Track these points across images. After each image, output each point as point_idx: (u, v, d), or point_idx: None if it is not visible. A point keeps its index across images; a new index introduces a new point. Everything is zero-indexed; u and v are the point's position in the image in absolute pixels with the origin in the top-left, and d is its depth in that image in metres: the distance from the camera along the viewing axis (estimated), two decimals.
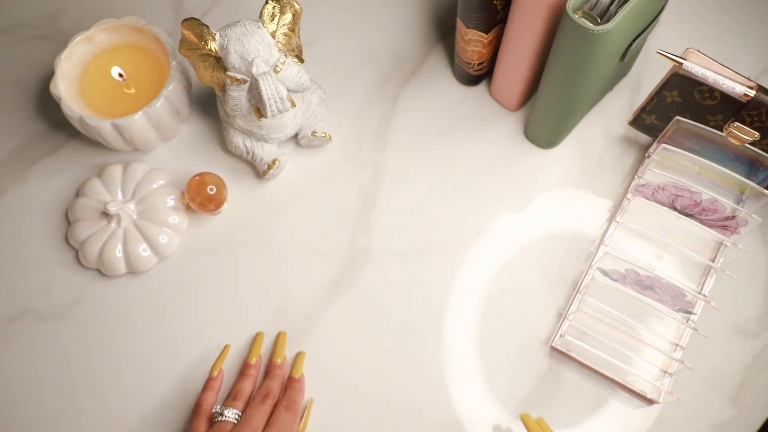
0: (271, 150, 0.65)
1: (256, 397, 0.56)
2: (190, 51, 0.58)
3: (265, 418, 0.55)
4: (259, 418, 0.54)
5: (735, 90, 0.55)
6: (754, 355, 0.61)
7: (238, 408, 0.56)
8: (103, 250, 0.62)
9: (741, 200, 0.62)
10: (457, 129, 0.69)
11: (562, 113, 0.62)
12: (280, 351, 0.60)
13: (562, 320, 0.61)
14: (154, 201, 0.63)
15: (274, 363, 0.59)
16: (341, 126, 0.69)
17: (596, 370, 0.59)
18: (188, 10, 0.75)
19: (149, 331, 0.62)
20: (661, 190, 0.61)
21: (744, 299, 0.62)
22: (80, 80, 0.64)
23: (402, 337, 0.61)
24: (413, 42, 0.73)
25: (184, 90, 0.64)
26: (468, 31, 0.62)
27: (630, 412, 0.59)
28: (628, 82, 0.70)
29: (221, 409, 0.55)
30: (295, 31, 0.59)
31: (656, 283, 0.58)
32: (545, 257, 0.64)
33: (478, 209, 0.66)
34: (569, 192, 0.67)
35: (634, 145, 0.68)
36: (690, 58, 0.56)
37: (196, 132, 0.69)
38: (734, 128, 0.56)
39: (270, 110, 0.58)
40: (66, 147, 0.68)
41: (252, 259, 0.64)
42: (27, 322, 0.62)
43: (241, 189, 0.67)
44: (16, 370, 0.61)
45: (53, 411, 0.59)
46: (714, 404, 0.59)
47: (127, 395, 0.60)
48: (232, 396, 0.57)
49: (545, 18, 0.56)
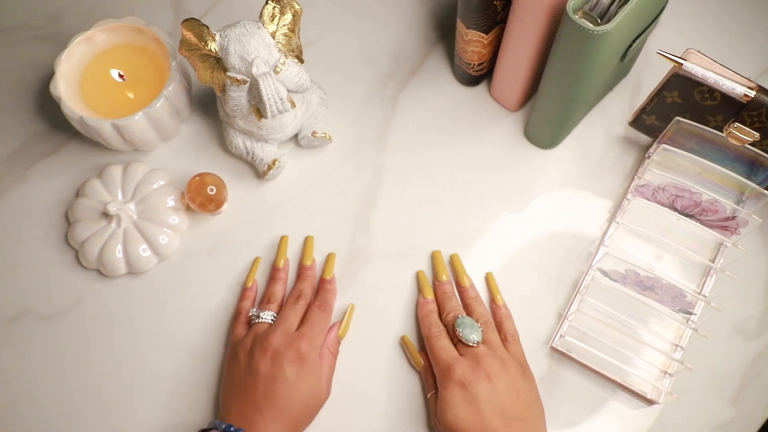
0: (271, 150, 0.65)
1: (289, 298, 0.60)
2: (190, 51, 0.58)
3: (299, 317, 0.58)
4: (293, 317, 0.58)
5: (735, 90, 0.55)
6: (754, 355, 0.61)
7: (273, 310, 0.59)
8: (103, 250, 0.62)
9: (741, 201, 0.62)
10: (457, 129, 0.69)
11: (562, 113, 0.62)
12: (309, 253, 0.63)
13: (562, 321, 0.61)
14: (154, 201, 0.63)
15: (304, 265, 0.63)
16: (341, 126, 0.69)
17: (596, 371, 0.59)
18: (188, 10, 0.75)
19: (149, 331, 0.62)
20: (661, 190, 0.61)
21: (744, 300, 0.62)
22: (80, 80, 0.64)
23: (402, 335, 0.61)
24: (413, 42, 0.73)
25: (184, 90, 0.64)
26: (468, 31, 0.62)
27: (630, 412, 0.59)
28: (628, 82, 0.70)
29: (257, 312, 0.59)
30: (295, 31, 0.59)
31: (656, 284, 0.58)
32: (545, 257, 0.64)
33: (478, 209, 0.66)
34: (569, 192, 0.67)
35: (634, 146, 0.68)
36: (690, 58, 0.56)
37: (196, 132, 0.69)
38: (734, 129, 0.56)
39: (270, 111, 0.58)
40: (66, 147, 0.69)
41: (252, 259, 0.64)
42: (27, 322, 0.62)
43: (241, 189, 0.67)
44: (16, 370, 0.61)
45: (53, 411, 0.59)
46: (714, 405, 0.59)
47: (127, 395, 0.60)
48: (265, 300, 0.60)
49: (545, 18, 0.56)
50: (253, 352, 0.55)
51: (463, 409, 0.53)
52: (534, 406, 0.55)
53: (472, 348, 0.56)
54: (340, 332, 0.60)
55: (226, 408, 0.55)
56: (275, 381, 0.53)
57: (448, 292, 0.62)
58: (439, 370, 0.56)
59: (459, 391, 0.54)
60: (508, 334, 0.59)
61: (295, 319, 0.58)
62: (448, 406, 0.54)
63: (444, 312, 0.60)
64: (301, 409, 0.54)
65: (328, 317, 0.59)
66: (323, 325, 0.58)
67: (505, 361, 0.55)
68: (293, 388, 0.54)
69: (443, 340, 0.58)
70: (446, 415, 0.53)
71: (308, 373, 0.55)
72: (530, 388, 0.56)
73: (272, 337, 0.55)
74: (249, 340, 0.57)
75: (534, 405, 0.55)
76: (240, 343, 0.57)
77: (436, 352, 0.57)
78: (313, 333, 0.57)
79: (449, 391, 0.54)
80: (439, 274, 0.62)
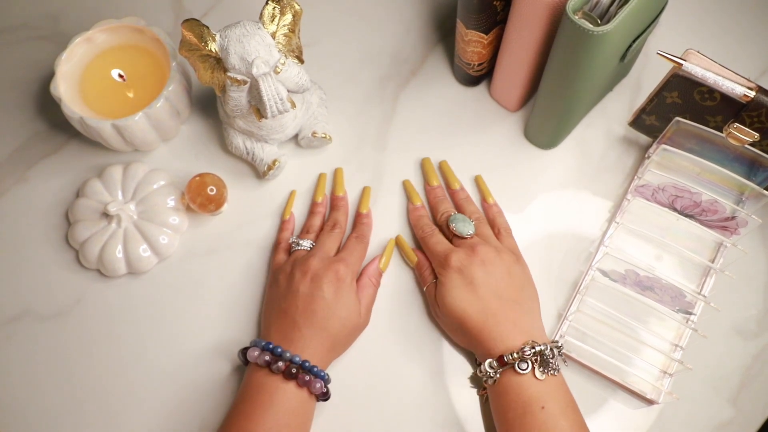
0: (272, 151, 0.65)
1: (325, 227, 0.63)
2: (191, 52, 0.58)
3: (336, 244, 0.62)
4: (330, 244, 0.61)
5: (735, 91, 0.55)
6: (753, 355, 0.61)
7: (311, 239, 0.62)
8: (104, 250, 0.62)
9: (741, 201, 0.62)
10: (457, 130, 0.69)
11: (562, 114, 0.62)
12: (340, 184, 0.66)
13: (562, 321, 0.61)
14: (154, 201, 0.63)
15: (336, 196, 0.66)
16: (341, 127, 0.69)
17: (596, 371, 0.59)
18: (188, 10, 0.75)
19: (149, 331, 0.62)
20: (660, 190, 0.61)
21: (743, 300, 0.62)
22: (80, 81, 0.64)
23: (402, 336, 0.61)
24: (413, 43, 0.73)
25: (184, 91, 0.64)
26: (468, 31, 0.62)
27: (630, 412, 0.59)
28: (628, 82, 0.71)
29: (297, 240, 0.62)
30: (295, 31, 0.59)
31: (656, 284, 0.58)
32: (545, 258, 0.64)
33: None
34: (569, 192, 0.67)
35: (634, 146, 0.68)
36: (690, 59, 0.56)
37: (197, 133, 0.69)
38: (734, 129, 0.56)
39: (270, 111, 0.58)
40: (66, 148, 0.69)
41: (252, 259, 0.64)
42: (27, 322, 0.62)
43: (242, 189, 0.67)
44: (17, 370, 0.61)
45: (53, 411, 0.59)
46: (713, 404, 0.59)
47: (128, 395, 0.60)
48: (304, 231, 0.63)
49: (545, 19, 0.56)
50: (293, 274, 0.58)
51: (461, 290, 0.57)
52: (527, 289, 0.59)
53: (467, 239, 0.60)
54: (381, 265, 0.62)
55: (266, 329, 0.58)
56: (314, 300, 0.56)
57: (439, 195, 0.65)
58: (437, 261, 0.60)
59: (456, 275, 0.57)
60: (501, 228, 0.63)
61: (332, 245, 0.61)
62: (447, 289, 0.57)
63: (437, 214, 0.64)
64: (338, 328, 0.56)
65: (364, 248, 0.62)
66: (360, 253, 0.61)
67: (498, 249, 0.59)
68: (331, 307, 0.56)
69: (437, 236, 0.61)
70: (446, 298, 0.57)
71: (346, 294, 0.57)
72: (524, 274, 0.59)
73: (311, 260, 0.58)
74: (289, 265, 0.59)
75: (527, 289, 0.59)
76: (280, 269, 0.60)
77: (431, 247, 0.61)
78: (351, 258, 0.60)
79: (447, 277, 0.58)
80: (430, 180, 0.66)
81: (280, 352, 0.54)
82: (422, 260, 0.62)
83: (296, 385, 0.54)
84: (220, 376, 0.60)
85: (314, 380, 0.54)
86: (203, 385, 0.60)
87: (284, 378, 0.53)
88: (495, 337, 0.55)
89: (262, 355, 0.54)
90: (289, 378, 0.53)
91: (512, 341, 0.54)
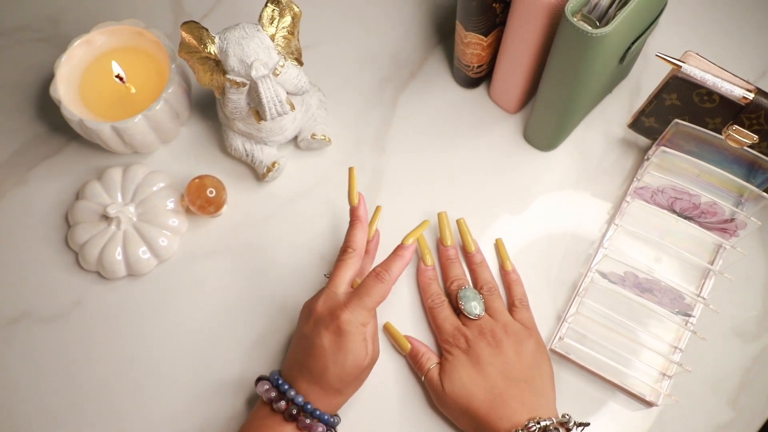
0: (271, 153, 0.65)
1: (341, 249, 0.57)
2: (190, 54, 0.58)
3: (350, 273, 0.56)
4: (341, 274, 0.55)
5: (734, 93, 0.55)
6: (752, 357, 0.61)
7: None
8: (103, 252, 0.62)
9: (740, 203, 0.62)
10: (457, 131, 0.69)
11: (561, 116, 0.63)
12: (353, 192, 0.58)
13: (561, 323, 0.61)
14: (153, 204, 0.63)
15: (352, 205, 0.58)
16: (340, 128, 0.69)
17: (595, 373, 0.59)
18: (188, 13, 0.75)
19: (149, 333, 0.62)
20: (660, 192, 0.61)
21: (743, 302, 0.62)
22: (80, 83, 0.64)
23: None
24: (413, 45, 0.73)
25: (183, 93, 0.64)
26: (467, 34, 0.62)
27: (629, 414, 0.59)
28: (627, 84, 0.71)
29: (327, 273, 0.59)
30: (294, 34, 0.59)
31: (655, 286, 0.58)
32: (544, 259, 0.64)
33: (477, 211, 0.66)
34: (568, 194, 0.67)
35: (633, 148, 0.68)
36: (689, 61, 0.56)
37: (196, 135, 0.69)
38: (733, 131, 0.56)
39: (269, 113, 0.58)
40: (66, 150, 0.69)
41: (252, 261, 0.64)
42: (27, 324, 0.62)
43: (241, 191, 0.67)
44: (17, 372, 0.61)
45: (54, 413, 0.59)
46: (713, 406, 0.59)
47: (128, 397, 0.60)
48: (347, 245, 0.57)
49: (544, 21, 0.56)
50: (304, 311, 0.56)
51: (468, 370, 0.55)
52: (539, 367, 0.56)
53: (475, 320, 0.58)
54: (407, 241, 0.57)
55: (287, 360, 0.56)
56: (314, 347, 0.53)
57: (452, 257, 0.62)
58: (443, 338, 0.58)
59: (462, 355, 0.56)
60: (516, 299, 0.60)
61: (344, 276, 0.55)
62: (453, 367, 0.56)
63: (447, 280, 0.61)
64: (339, 375, 0.52)
65: (385, 288, 0.53)
66: (376, 296, 0.53)
67: (507, 326, 0.57)
68: (329, 357, 0.52)
69: (446, 310, 0.59)
70: (452, 379, 0.55)
71: (349, 341, 0.52)
72: (535, 350, 0.57)
73: (317, 302, 0.54)
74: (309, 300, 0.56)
75: (539, 366, 0.56)
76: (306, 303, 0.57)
77: (439, 323, 0.59)
78: (360, 303, 0.53)
79: (453, 355, 0.56)
80: (444, 239, 0.63)
81: (286, 389, 0.53)
82: (416, 347, 0.59)
83: (296, 428, 0.52)
84: (219, 378, 0.60)
85: (316, 424, 0.52)
86: (203, 387, 0.60)
87: (284, 419, 0.52)
88: (501, 416, 0.53)
89: (270, 390, 0.53)
90: (290, 420, 0.52)
91: (519, 418, 0.52)
